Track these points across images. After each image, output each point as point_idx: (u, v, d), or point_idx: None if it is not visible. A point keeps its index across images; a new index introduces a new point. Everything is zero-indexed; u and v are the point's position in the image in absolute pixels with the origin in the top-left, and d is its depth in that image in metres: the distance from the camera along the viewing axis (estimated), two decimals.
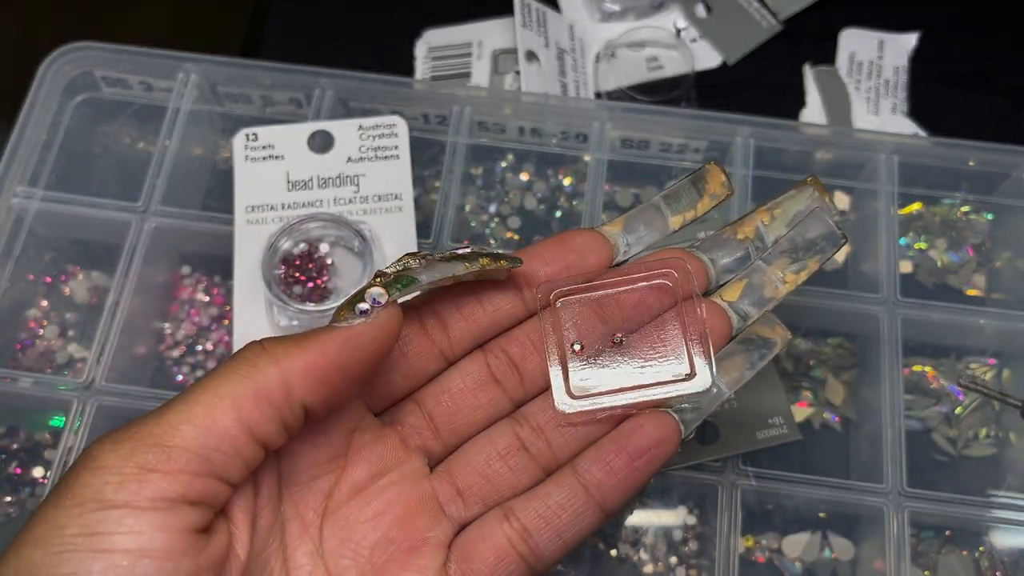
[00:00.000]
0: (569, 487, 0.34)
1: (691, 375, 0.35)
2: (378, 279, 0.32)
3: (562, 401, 0.35)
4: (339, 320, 0.31)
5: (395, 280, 0.32)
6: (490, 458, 0.35)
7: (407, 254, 0.33)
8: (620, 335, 0.36)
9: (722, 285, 0.37)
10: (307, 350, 0.30)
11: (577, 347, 0.36)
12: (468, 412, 0.36)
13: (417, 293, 0.34)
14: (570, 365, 0.35)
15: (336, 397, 0.32)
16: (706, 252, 0.37)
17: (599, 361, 0.35)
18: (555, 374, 0.35)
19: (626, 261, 0.37)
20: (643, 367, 0.35)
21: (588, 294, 0.36)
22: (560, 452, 0.35)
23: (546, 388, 0.36)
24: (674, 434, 0.35)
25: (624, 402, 0.35)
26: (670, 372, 0.35)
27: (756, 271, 0.37)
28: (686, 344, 0.35)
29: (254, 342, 0.31)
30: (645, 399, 0.35)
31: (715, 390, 0.35)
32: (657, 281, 0.36)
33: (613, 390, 0.35)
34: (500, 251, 0.35)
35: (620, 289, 0.36)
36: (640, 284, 0.36)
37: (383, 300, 0.31)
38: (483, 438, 0.36)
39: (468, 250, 0.34)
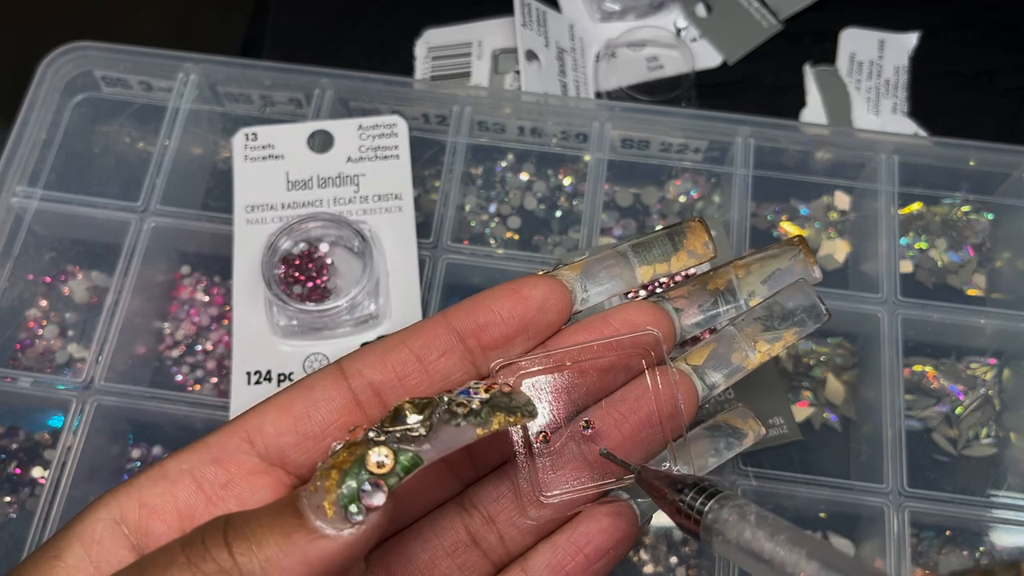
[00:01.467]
0: None
1: (671, 468, 0.32)
2: (376, 463, 0.25)
3: (529, 504, 0.32)
4: (323, 515, 0.25)
5: (395, 467, 0.26)
6: (436, 556, 0.31)
7: (407, 403, 0.27)
8: (587, 421, 0.32)
9: (687, 345, 0.34)
10: (288, 571, 0.24)
11: (542, 437, 0.32)
12: (411, 498, 0.32)
13: None
14: (538, 462, 0.32)
15: None
16: (672, 302, 0.34)
17: (567, 452, 0.32)
18: (521, 471, 0.32)
19: (582, 312, 0.34)
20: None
21: (552, 373, 0.32)
22: (513, 546, 0.32)
23: (499, 465, 0.33)
24: (633, 529, 0.32)
25: (593, 492, 0.32)
26: (659, 465, 0.33)
27: (726, 337, 0.34)
28: (663, 431, 0.32)
29: (217, 538, 0.25)
30: (615, 488, 0.32)
31: None
32: (630, 358, 0.33)
33: (585, 487, 0.32)
34: (511, 395, 0.29)
35: (587, 365, 0.33)
36: (611, 361, 0.33)
37: (383, 503, 0.25)
38: (427, 529, 0.32)
39: (480, 399, 0.28)
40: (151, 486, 0.28)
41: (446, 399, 0.28)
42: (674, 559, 0.50)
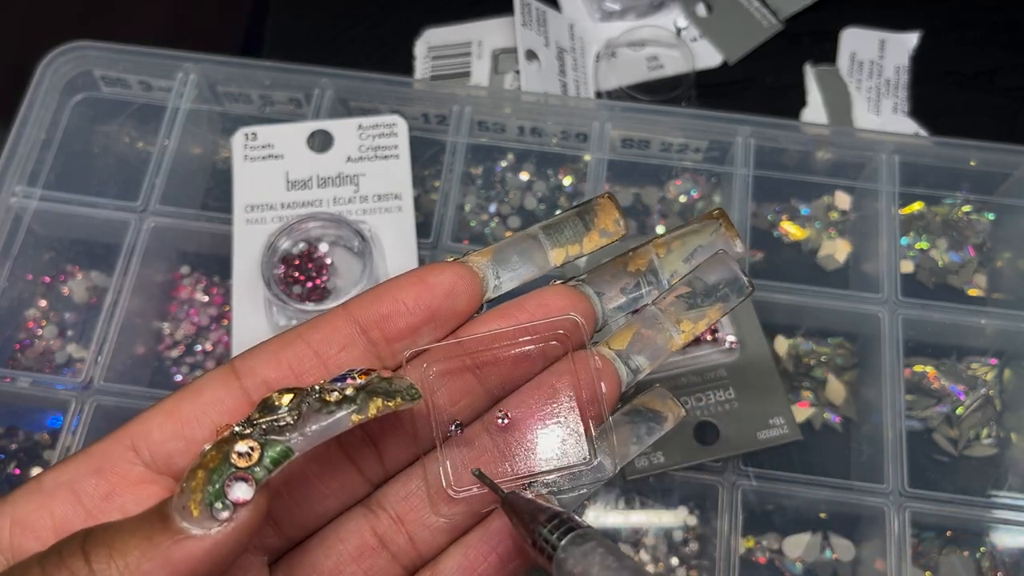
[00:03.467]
0: None
1: (591, 461, 0.31)
2: (239, 454, 0.24)
3: (439, 499, 0.30)
4: (189, 516, 0.24)
5: (262, 457, 0.24)
6: (341, 561, 0.30)
7: (276, 393, 0.26)
8: (504, 412, 0.31)
9: (606, 329, 0.33)
10: (148, 574, 0.23)
11: (456, 429, 0.31)
12: (316, 502, 0.30)
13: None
14: (448, 453, 0.30)
15: None
16: (593, 285, 0.33)
17: (481, 445, 0.31)
18: (431, 465, 0.30)
19: (496, 300, 0.32)
20: (533, 450, 0.31)
21: (469, 359, 0.31)
22: (424, 548, 0.30)
23: (410, 463, 0.31)
24: None
25: (508, 486, 0.30)
26: (567, 456, 0.31)
27: (648, 318, 0.32)
28: (583, 422, 0.31)
29: (74, 548, 0.23)
30: (533, 483, 0.31)
31: (607, 470, 0.31)
32: (548, 344, 0.31)
33: (502, 480, 0.30)
34: (391, 379, 0.28)
35: (502, 353, 0.31)
36: (528, 348, 0.31)
37: (249, 497, 0.24)
38: (332, 535, 0.30)
39: (354, 387, 0.27)
40: (25, 502, 0.27)
41: (317, 387, 0.26)
42: (675, 560, 0.50)
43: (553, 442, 0.31)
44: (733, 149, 0.56)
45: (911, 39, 0.65)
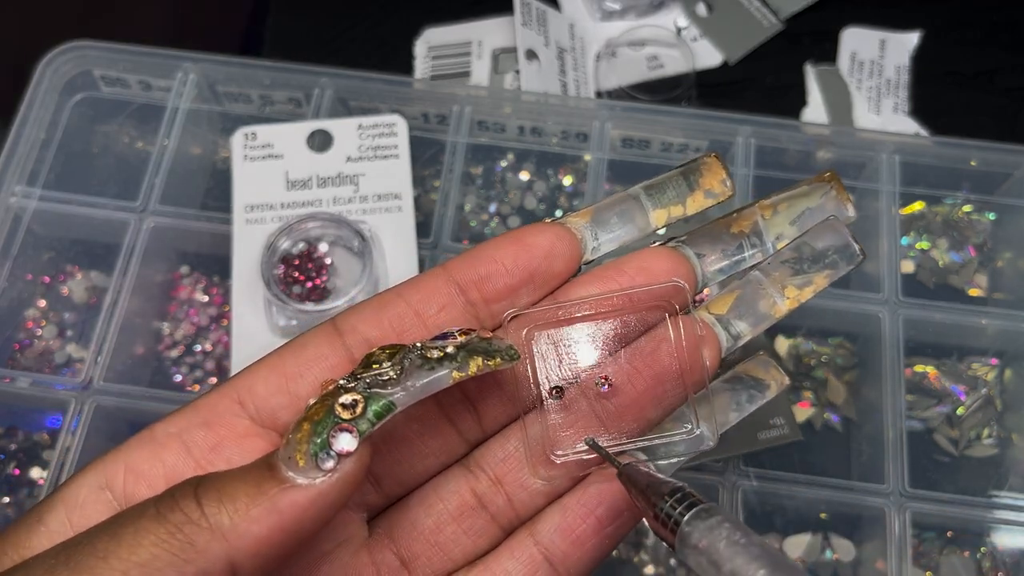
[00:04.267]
0: (529, 560, 0.29)
1: (694, 429, 0.30)
2: (344, 407, 0.25)
3: (539, 462, 0.30)
4: (295, 466, 0.25)
5: (366, 410, 0.25)
6: (441, 520, 0.30)
7: (379, 350, 0.27)
8: (604, 379, 0.30)
9: (708, 296, 0.32)
10: (260, 523, 0.24)
11: (556, 394, 0.30)
12: (416, 461, 0.30)
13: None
14: (549, 419, 0.30)
15: (285, 561, 0.26)
16: (694, 246, 0.32)
17: (580, 410, 0.30)
18: (531, 428, 0.30)
19: (594, 261, 0.32)
20: (637, 418, 0.30)
21: (566, 326, 0.30)
22: (522, 509, 0.30)
23: (507, 424, 0.31)
24: None
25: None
26: (670, 424, 0.31)
27: (751, 282, 0.31)
28: (684, 389, 0.30)
29: (187, 492, 0.25)
30: (631, 448, 0.30)
31: (706, 439, 0.31)
32: (649, 310, 0.31)
33: (606, 446, 0.30)
34: (491, 339, 0.28)
35: (604, 314, 0.30)
36: (628, 315, 0.31)
37: (354, 448, 0.25)
38: (432, 494, 0.30)
39: (456, 343, 0.27)
40: (138, 450, 0.28)
41: (419, 344, 0.27)
42: (675, 560, 0.50)
43: (654, 409, 0.30)
44: (733, 149, 0.56)
45: (911, 39, 0.65)
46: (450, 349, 0.27)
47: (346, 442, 0.25)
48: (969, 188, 0.57)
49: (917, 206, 0.58)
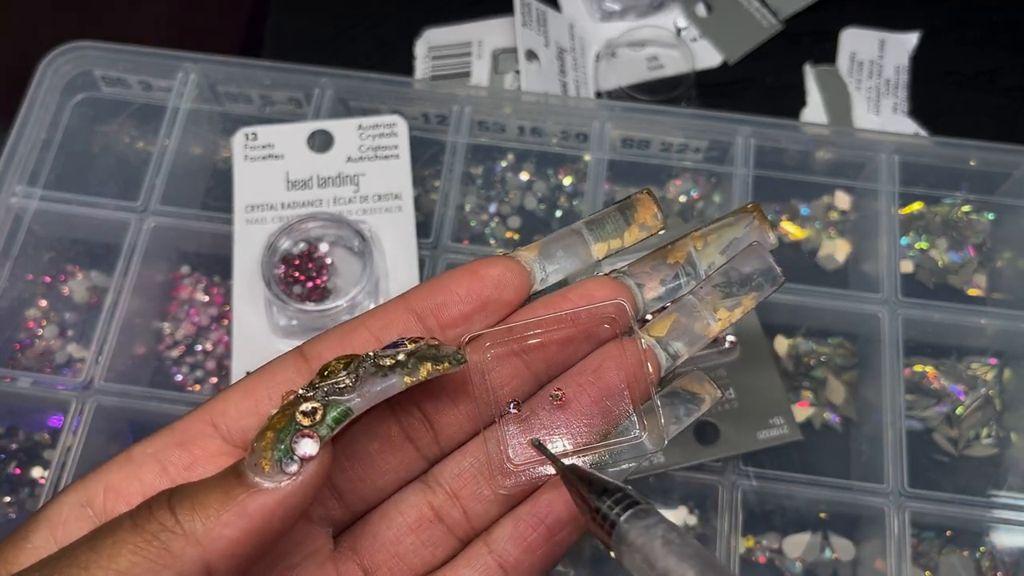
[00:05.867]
0: (484, 569, 0.31)
1: (640, 435, 0.33)
2: (304, 415, 0.27)
3: (498, 472, 0.32)
4: (261, 472, 0.26)
5: (325, 416, 0.27)
6: (400, 533, 0.32)
7: (335, 360, 0.29)
8: (558, 391, 0.32)
9: (647, 319, 0.35)
10: (231, 526, 0.26)
11: (514, 408, 0.32)
12: (377, 477, 0.32)
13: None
14: (507, 430, 0.32)
15: (256, 561, 0.28)
16: (633, 277, 0.35)
17: (536, 422, 0.32)
18: (490, 440, 0.32)
19: (542, 292, 0.34)
20: (584, 428, 0.33)
21: (518, 344, 0.33)
22: (477, 521, 0.32)
23: (463, 443, 0.33)
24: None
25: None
26: (618, 432, 0.33)
27: (686, 306, 0.34)
28: (632, 400, 0.33)
29: (161, 503, 0.26)
30: (584, 460, 0.32)
31: (648, 448, 0.33)
32: (596, 328, 0.33)
33: (558, 455, 0.32)
34: (439, 346, 0.30)
35: (554, 336, 0.33)
36: (573, 332, 0.33)
37: (315, 452, 0.27)
38: (392, 508, 0.32)
39: (406, 351, 0.29)
40: (116, 470, 0.29)
41: (371, 354, 0.29)
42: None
43: (610, 422, 0.33)
44: (733, 149, 0.56)
45: (911, 39, 0.65)
46: (401, 356, 0.29)
47: (308, 447, 0.27)
48: (968, 188, 0.57)
49: (916, 206, 0.58)
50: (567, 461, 0.32)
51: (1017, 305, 0.54)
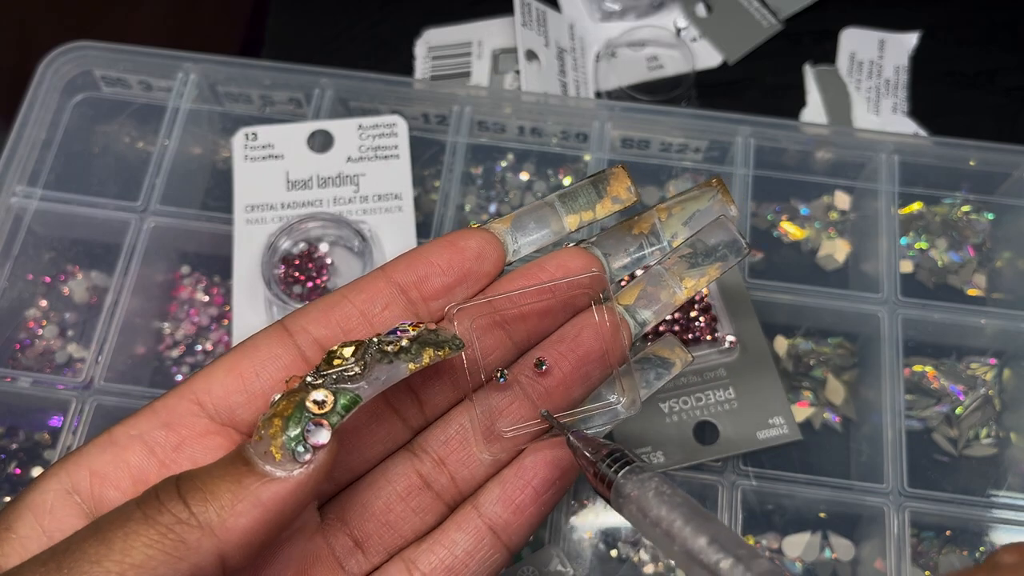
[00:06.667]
0: (475, 531, 0.32)
1: (618, 400, 0.34)
2: (315, 402, 0.27)
3: (484, 438, 0.33)
4: (272, 460, 0.26)
5: (335, 405, 0.27)
6: (390, 501, 0.32)
7: (340, 346, 0.29)
8: (540, 359, 0.34)
9: (617, 286, 0.36)
10: (246, 516, 0.26)
11: (496, 375, 0.33)
12: (364, 448, 0.33)
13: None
14: (494, 399, 0.33)
15: (267, 548, 0.28)
16: (600, 247, 0.36)
17: (518, 390, 0.33)
18: (475, 409, 0.33)
19: (515, 263, 0.35)
20: (567, 394, 0.34)
21: (501, 315, 0.34)
22: (464, 486, 0.33)
23: (447, 410, 0.34)
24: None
25: (542, 427, 0.33)
26: (595, 397, 0.34)
27: (654, 276, 0.35)
28: (609, 368, 0.34)
29: (171, 493, 0.26)
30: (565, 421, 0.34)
31: (620, 412, 0.34)
32: (572, 297, 0.34)
33: (535, 422, 0.33)
34: (438, 331, 0.31)
35: (534, 305, 0.34)
36: (552, 303, 0.34)
37: (327, 441, 0.27)
38: (380, 478, 0.33)
39: (409, 337, 0.30)
40: (100, 454, 0.29)
41: (376, 340, 0.29)
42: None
43: (582, 385, 0.34)
44: (733, 149, 0.56)
45: (911, 39, 0.65)
46: (404, 343, 0.29)
47: (321, 435, 0.27)
48: (968, 188, 0.57)
49: (916, 206, 0.58)
50: (549, 425, 0.33)
51: (1017, 305, 0.54)
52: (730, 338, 0.51)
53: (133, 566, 0.24)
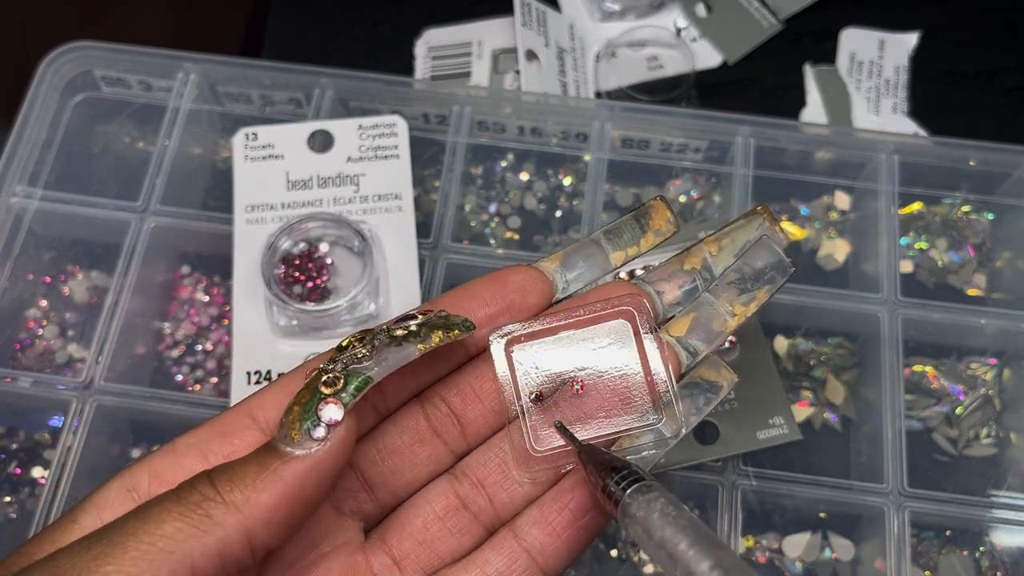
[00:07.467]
0: (509, 553, 0.32)
1: (658, 421, 0.34)
2: (326, 384, 0.29)
3: (521, 460, 0.33)
4: (292, 442, 0.28)
5: (346, 385, 0.29)
6: (427, 521, 0.33)
7: (350, 337, 0.30)
8: (579, 382, 0.34)
9: (669, 319, 0.36)
10: (267, 492, 0.28)
11: (534, 397, 0.34)
12: (407, 471, 0.34)
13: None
14: (530, 420, 0.34)
15: (296, 528, 0.29)
16: (652, 284, 0.36)
17: (560, 413, 0.34)
18: (514, 430, 0.33)
19: (565, 299, 0.36)
20: (608, 416, 0.34)
21: (542, 339, 0.34)
22: (503, 510, 0.33)
23: (489, 436, 0.34)
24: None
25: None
26: (637, 420, 0.34)
27: (704, 304, 0.35)
28: (650, 392, 0.34)
29: (202, 478, 0.28)
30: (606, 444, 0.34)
31: (666, 436, 0.34)
32: (614, 323, 0.34)
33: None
34: (449, 316, 0.32)
35: (575, 331, 0.34)
36: (597, 326, 0.34)
37: (340, 417, 0.28)
38: (420, 499, 0.34)
39: (417, 322, 0.31)
40: (160, 459, 0.31)
41: (385, 327, 0.31)
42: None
43: (630, 410, 0.34)
44: (733, 149, 0.56)
45: (911, 39, 0.65)
46: (413, 327, 0.31)
47: (333, 412, 0.28)
48: (968, 188, 0.57)
49: (916, 206, 0.58)
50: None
51: (1017, 305, 0.54)
52: (730, 338, 0.51)
53: (163, 537, 0.26)
